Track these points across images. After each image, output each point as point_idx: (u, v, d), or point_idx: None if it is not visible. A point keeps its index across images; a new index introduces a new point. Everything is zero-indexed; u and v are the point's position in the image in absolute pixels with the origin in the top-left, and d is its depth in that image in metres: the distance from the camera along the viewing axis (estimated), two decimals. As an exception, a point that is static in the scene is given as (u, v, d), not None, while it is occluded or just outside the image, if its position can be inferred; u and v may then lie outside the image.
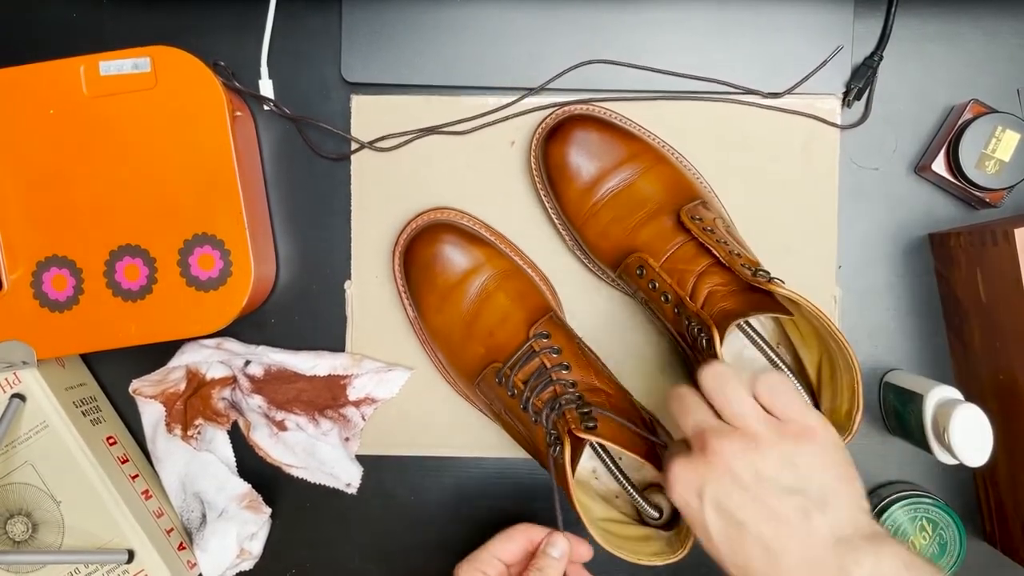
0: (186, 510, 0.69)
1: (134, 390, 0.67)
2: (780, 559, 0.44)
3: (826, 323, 0.53)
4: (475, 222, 0.66)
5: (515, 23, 0.66)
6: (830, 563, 0.43)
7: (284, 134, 0.69)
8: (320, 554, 0.71)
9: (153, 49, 0.59)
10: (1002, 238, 0.56)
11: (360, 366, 0.68)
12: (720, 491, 0.46)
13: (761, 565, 0.45)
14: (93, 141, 0.60)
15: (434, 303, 0.63)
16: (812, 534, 0.44)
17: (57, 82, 0.59)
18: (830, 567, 0.43)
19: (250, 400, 0.68)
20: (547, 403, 0.57)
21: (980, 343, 0.62)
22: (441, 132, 0.68)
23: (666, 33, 0.66)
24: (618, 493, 0.61)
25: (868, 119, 0.66)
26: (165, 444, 0.68)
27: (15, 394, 0.63)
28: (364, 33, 0.67)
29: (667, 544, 0.56)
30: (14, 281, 0.61)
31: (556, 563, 0.53)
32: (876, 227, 0.67)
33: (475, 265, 0.63)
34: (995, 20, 0.66)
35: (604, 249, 0.63)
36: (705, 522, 0.46)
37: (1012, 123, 0.61)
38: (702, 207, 0.61)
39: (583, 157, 0.62)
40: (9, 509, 0.64)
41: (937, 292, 0.67)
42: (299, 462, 0.69)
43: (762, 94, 0.66)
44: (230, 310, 0.61)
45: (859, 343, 0.67)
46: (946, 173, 0.64)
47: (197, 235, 0.60)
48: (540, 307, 0.63)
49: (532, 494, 0.69)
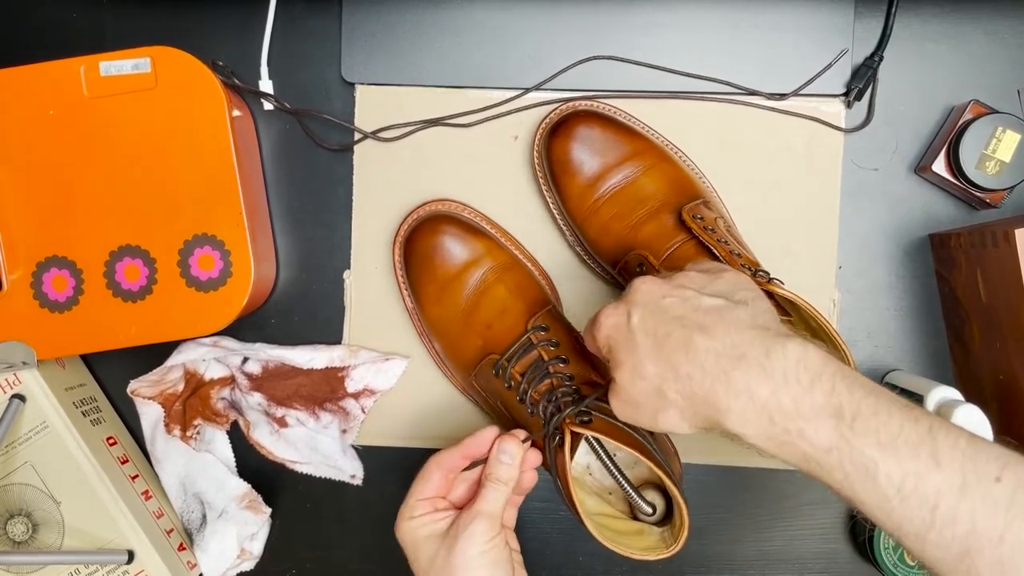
0: (186, 511, 0.69)
1: (132, 391, 0.67)
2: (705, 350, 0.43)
3: (824, 324, 0.53)
4: (476, 214, 0.66)
5: (516, 24, 0.66)
6: (756, 346, 0.42)
7: (284, 133, 0.69)
8: (320, 554, 0.71)
9: (153, 49, 0.59)
10: (1002, 239, 0.56)
11: (357, 356, 0.68)
12: (646, 311, 0.46)
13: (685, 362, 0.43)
14: (93, 141, 0.60)
15: (433, 294, 0.63)
16: (735, 321, 0.44)
17: (57, 82, 0.59)
18: (756, 350, 0.42)
19: (249, 398, 0.68)
20: (544, 396, 0.57)
21: (980, 344, 0.62)
22: (444, 124, 0.68)
23: (666, 34, 0.66)
24: (612, 489, 0.62)
25: (871, 121, 0.66)
26: (164, 445, 0.68)
27: (15, 395, 0.63)
28: (364, 33, 0.67)
29: (660, 539, 0.56)
30: (14, 281, 0.61)
31: (510, 467, 0.54)
32: (876, 227, 0.67)
33: (475, 257, 0.63)
34: (995, 20, 0.66)
35: (604, 245, 0.63)
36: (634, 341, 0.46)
37: (1012, 124, 0.61)
38: (703, 206, 0.61)
39: (586, 153, 0.62)
40: (9, 509, 0.64)
41: (937, 293, 0.67)
42: (302, 457, 0.69)
43: (765, 95, 0.66)
44: (230, 310, 0.61)
45: (859, 343, 0.67)
46: (946, 174, 0.64)
47: (197, 235, 0.60)
48: (539, 300, 0.63)
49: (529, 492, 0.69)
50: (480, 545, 0.51)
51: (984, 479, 0.37)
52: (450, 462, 0.55)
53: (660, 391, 0.45)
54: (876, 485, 0.39)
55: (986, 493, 0.37)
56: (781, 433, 0.41)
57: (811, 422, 0.40)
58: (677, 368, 0.44)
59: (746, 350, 0.42)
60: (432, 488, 0.55)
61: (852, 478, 0.39)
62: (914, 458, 0.38)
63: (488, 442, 0.56)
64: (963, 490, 0.37)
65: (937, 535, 0.38)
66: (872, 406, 0.40)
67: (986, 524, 0.37)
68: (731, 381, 0.42)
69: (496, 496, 0.53)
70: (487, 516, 0.52)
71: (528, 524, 0.70)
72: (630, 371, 0.46)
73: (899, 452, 0.38)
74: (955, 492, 0.37)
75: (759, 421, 0.41)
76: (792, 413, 0.40)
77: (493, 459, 0.54)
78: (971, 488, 0.37)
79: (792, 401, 0.40)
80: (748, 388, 0.41)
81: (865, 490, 0.39)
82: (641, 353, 0.45)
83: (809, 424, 0.40)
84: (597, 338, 0.49)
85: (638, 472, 0.61)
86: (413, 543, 0.53)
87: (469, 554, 0.51)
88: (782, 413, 0.40)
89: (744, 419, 0.42)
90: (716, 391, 0.42)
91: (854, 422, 0.39)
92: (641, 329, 0.46)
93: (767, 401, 0.41)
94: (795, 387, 0.41)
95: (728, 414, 0.42)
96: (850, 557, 0.68)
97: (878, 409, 0.40)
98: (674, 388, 0.44)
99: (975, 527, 0.37)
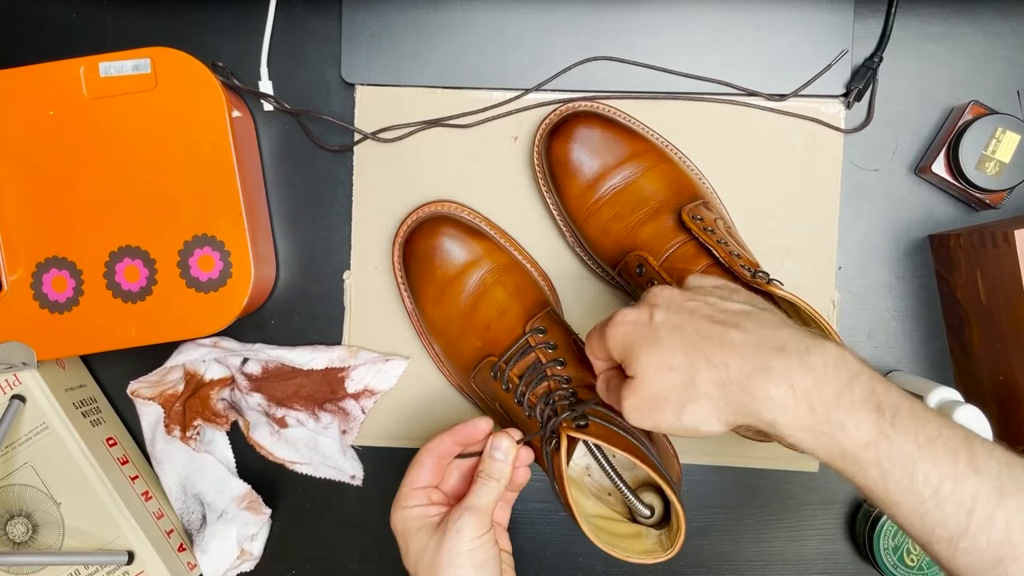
0: (186, 512, 0.69)
1: (132, 392, 0.67)
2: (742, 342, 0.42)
3: (824, 325, 0.53)
4: (475, 216, 0.66)
5: (516, 25, 0.66)
6: (795, 341, 0.41)
7: (284, 133, 0.69)
8: (320, 554, 0.71)
9: (153, 50, 0.59)
10: (1002, 240, 0.56)
11: (357, 357, 0.68)
12: (671, 311, 0.45)
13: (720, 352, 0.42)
14: (93, 142, 0.60)
15: (432, 295, 0.63)
16: (768, 322, 0.43)
17: (57, 83, 0.59)
18: (796, 344, 0.41)
19: (249, 399, 0.68)
20: (541, 398, 0.57)
21: (980, 344, 0.62)
22: (444, 125, 0.68)
23: (666, 34, 0.66)
24: (610, 491, 0.62)
25: (871, 122, 0.66)
26: (164, 446, 0.68)
27: (15, 395, 0.63)
28: (364, 34, 0.67)
29: (658, 542, 0.56)
30: (14, 282, 0.61)
31: (503, 464, 0.54)
32: (876, 228, 0.67)
33: (474, 259, 0.63)
34: (995, 20, 0.66)
35: (604, 246, 0.63)
36: (658, 336, 0.44)
37: (1012, 124, 0.61)
38: (703, 207, 0.61)
39: (586, 154, 0.62)
40: (9, 510, 0.64)
41: (937, 293, 0.67)
42: (302, 458, 0.69)
43: (765, 96, 0.66)
44: (230, 311, 0.61)
45: (859, 344, 0.67)
46: (946, 174, 0.64)
47: (197, 236, 0.60)
48: (538, 302, 0.63)
49: (528, 493, 0.69)
50: (469, 542, 0.51)
51: (1022, 489, 0.37)
52: (441, 448, 0.55)
53: (691, 382, 0.43)
54: (913, 484, 0.38)
55: (1023, 502, 0.37)
56: (821, 423, 0.40)
57: (852, 415, 0.39)
58: (711, 357, 0.42)
59: (786, 343, 0.42)
60: (425, 476, 0.55)
61: (888, 476, 0.39)
62: (953, 462, 0.38)
63: (481, 432, 0.56)
64: (1000, 497, 0.37)
65: (970, 541, 0.37)
66: (910, 408, 0.40)
67: (1022, 534, 0.37)
68: (771, 369, 0.41)
69: (487, 492, 0.53)
70: (477, 512, 0.52)
71: (528, 524, 0.70)
72: (655, 365, 0.44)
73: (937, 454, 0.38)
74: (992, 498, 0.37)
75: (799, 410, 0.40)
76: (833, 404, 0.40)
77: (486, 455, 0.54)
78: (1008, 496, 0.37)
79: (834, 393, 0.40)
80: (789, 377, 0.40)
81: (901, 490, 0.39)
82: (668, 346, 0.44)
83: (850, 416, 0.39)
84: (610, 337, 0.47)
85: (637, 473, 0.61)
86: (405, 533, 0.53)
87: (457, 551, 0.51)
88: (824, 403, 0.40)
89: (784, 407, 0.40)
90: (756, 378, 0.41)
91: (895, 419, 0.39)
92: (667, 325, 0.44)
93: (808, 391, 0.40)
94: (836, 381, 0.40)
95: (767, 402, 0.41)
96: (850, 557, 0.68)
97: (915, 412, 0.40)
98: (707, 377, 0.42)
99: (1011, 535, 0.37)
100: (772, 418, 0.41)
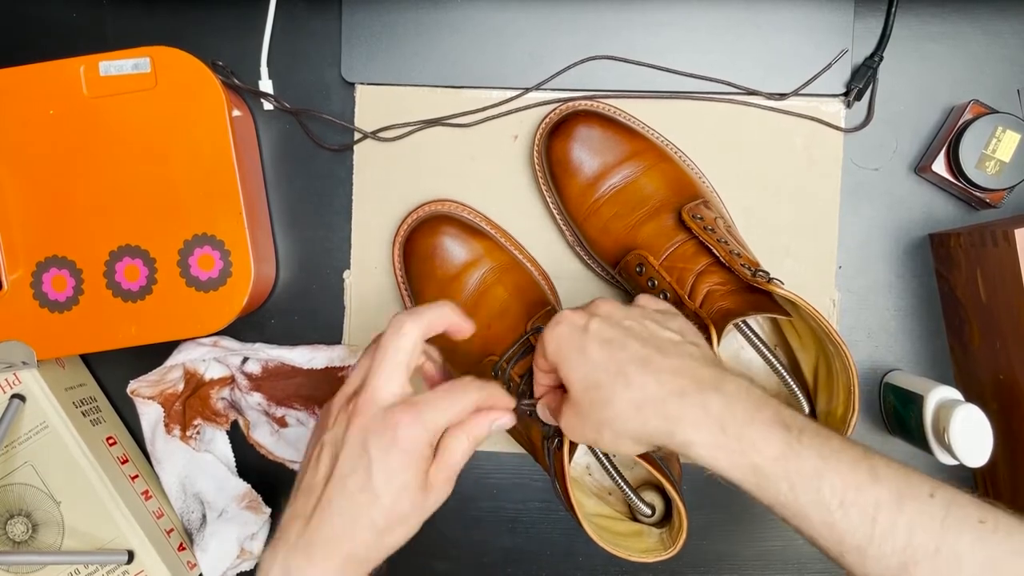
0: (186, 511, 0.69)
1: (132, 391, 0.67)
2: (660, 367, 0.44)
3: (823, 324, 0.53)
4: (476, 215, 0.66)
5: (516, 24, 0.66)
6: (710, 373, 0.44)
7: (284, 132, 0.69)
8: (320, 554, 0.71)
9: (153, 49, 0.59)
10: (1002, 239, 0.56)
11: (357, 356, 0.68)
12: (606, 323, 0.46)
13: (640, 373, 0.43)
14: (93, 141, 0.60)
15: (433, 294, 0.63)
16: (690, 354, 0.45)
17: (57, 82, 0.59)
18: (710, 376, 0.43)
19: (249, 398, 0.68)
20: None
21: (980, 344, 0.62)
22: (444, 124, 0.68)
23: (666, 33, 0.66)
24: (611, 490, 0.62)
25: (871, 121, 0.66)
26: (164, 445, 0.68)
27: (15, 394, 0.63)
28: (364, 33, 0.67)
29: (659, 541, 0.56)
30: (14, 281, 0.61)
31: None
32: (876, 227, 0.67)
33: (474, 258, 0.63)
34: (995, 20, 0.66)
35: (604, 245, 0.63)
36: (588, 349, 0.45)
37: (1012, 123, 0.61)
38: (703, 206, 0.61)
39: (586, 153, 0.62)
40: (9, 509, 0.64)
41: (937, 292, 0.67)
42: (302, 457, 0.69)
43: (765, 95, 0.66)
44: (230, 310, 0.61)
45: (859, 343, 0.67)
46: (946, 173, 0.64)
47: (197, 235, 0.60)
48: (538, 301, 0.63)
49: (528, 492, 0.69)
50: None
51: (919, 495, 0.39)
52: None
53: (610, 401, 0.44)
54: (820, 496, 0.40)
55: (921, 507, 0.39)
56: (733, 441, 0.42)
57: (761, 432, 0.41)
58: (631, 378, 0.44)
59: (701, 375, 0.44)
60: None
61: (798, 489, 0.41)
62: (854, 471, 0.40)
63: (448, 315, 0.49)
64: (900, 504, 0.39)
65: (877, 549, 0.39)
66: (815, 428, 0.42)
67: (922, 537, 0.39)
68: (685, 392, 0.43)
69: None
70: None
71: (528, 523, 0.70)
72: (582, 381, 0.45)
73: (841, 464, 0.40)
74: (893, 505, 0.39)
75: (712, 430, 0.42)
76: (744, 422, 0.42)
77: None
78: (907, 502, 0.39)
79: (744, 411, 0.42)
80: (703, 401, 0.42)
81: (809, 501, 0.40)
82: (594, 362, 0.45)
83: (760, 433, 0.41)
84: (547, 338, 0.47)
85: (638, 472, 0.61)
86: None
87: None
88: (735, 422, 0.42)
89: (697, 427, 0.42)
90: (670, 401, 0.43)
91: (801, 436, 0.41)
92: (599, 337, 0.45)
93: (720, 412, 0.42)
94: (745, 403, 0.42)
95: (680, 422, 0.42)
96: (850, 557, 0.68)
97: (820, 431, 0.42)
98: (626, 397, 0.43)
99: (912, 540, 0.39)
100: (685, 438, 0.42)
